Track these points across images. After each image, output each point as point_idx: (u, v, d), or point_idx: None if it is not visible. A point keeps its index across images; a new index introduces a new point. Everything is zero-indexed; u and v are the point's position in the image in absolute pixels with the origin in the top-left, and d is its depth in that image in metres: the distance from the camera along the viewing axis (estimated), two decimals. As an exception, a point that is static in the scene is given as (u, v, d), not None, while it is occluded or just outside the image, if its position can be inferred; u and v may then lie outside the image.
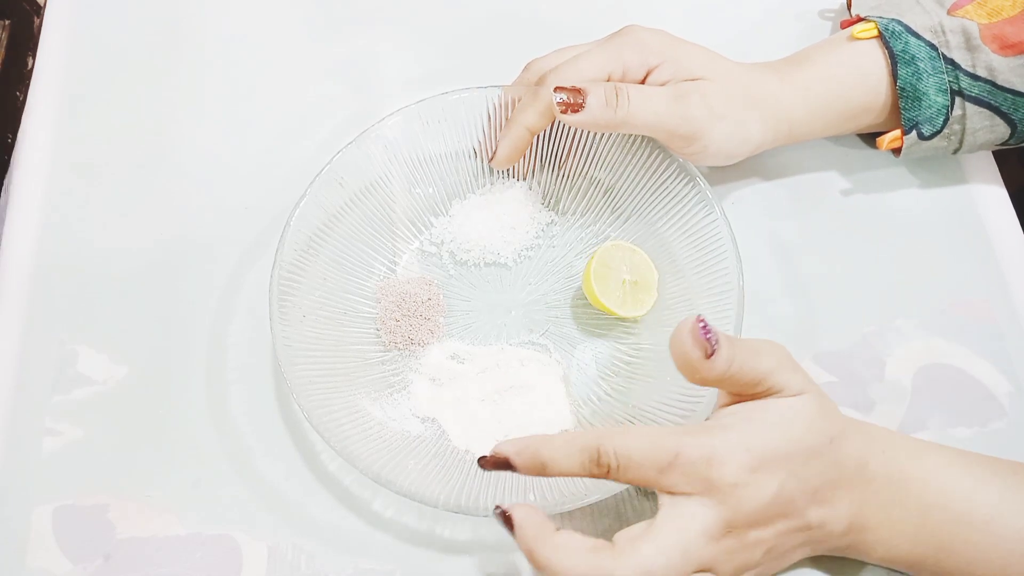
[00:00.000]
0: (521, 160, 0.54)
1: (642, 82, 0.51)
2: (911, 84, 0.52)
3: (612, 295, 0.51)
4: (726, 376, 0.40)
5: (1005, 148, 0.55)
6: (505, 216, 0.55)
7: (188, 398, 0.52)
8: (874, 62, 0.53)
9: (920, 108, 0.52)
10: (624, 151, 0.54)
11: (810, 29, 0.63)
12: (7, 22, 0.67)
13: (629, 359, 0.52)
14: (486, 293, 0.54)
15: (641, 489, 0.48)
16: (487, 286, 0.55)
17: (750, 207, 0.57)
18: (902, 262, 0.55)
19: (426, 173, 0.55)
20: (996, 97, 0.52)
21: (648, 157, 0.53)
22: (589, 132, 0.54)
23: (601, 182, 0.55)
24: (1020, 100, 0.52)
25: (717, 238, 0.50)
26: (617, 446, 0.39)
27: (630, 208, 0.55)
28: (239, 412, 0.51)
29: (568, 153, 0.55)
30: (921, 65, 0.52)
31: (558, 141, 0.55)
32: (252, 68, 0.62)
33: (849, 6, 0.57)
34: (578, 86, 0.48)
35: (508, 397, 0.51)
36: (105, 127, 0.60)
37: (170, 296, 0.55)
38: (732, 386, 0.41)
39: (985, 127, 0.53)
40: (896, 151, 0.56)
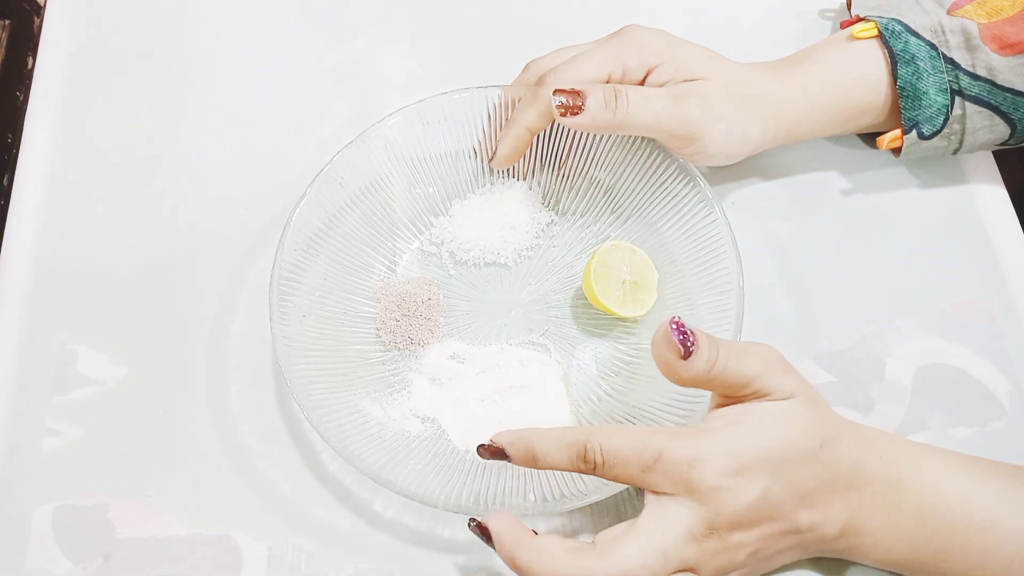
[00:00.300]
0: (521, 160, 0.55)
1: (642, 82, 0.51)
2: (911, 84, 0.52)
3: (612, 295, 0.51)
4: (709, 378, 0.40)
5: (1005, 148, 0.55)
6: (505, 216, 0.55)
7: (188, 398, 0.52)
8: (874, 62, 0.53)
9: (920, 108, 0.52)
10: (624, 151, 0.54)
11: (810, 29, 0.62)
12: (7, 22, 0.66)
13: (629, 359, 0.52)
14: (486, 293, 0.54)
15: (641, 489, 0.48)
16: (487, 286, 0.55)
17: (750, 207, 0.57)
18: (902, 262, 0.55)
19: (426, 173, 0.55)
20: (996, 97, 0.52)
21: (648, 157, 0.53)
22: (589, 133, 0.54)
23: (601, 182, 0.55)
24: (1020, 100, 0.52)
25: (717, 238, 0.50)
26: (604, 443, 0.40)
27: (630, 208, 0.55)
28: (239, 412, 0.52)
29: (568, 153, 0.55)
30: (921, 65, 0.52)
31: (558, 141, 0.55)
32: (252, 68, 0.62)
33: (849, 6, 0.57)
34: (577, 88, 0.48)
35: (508, 397, 0.51)
36: (105, 127, 0.60)
37: (170, 296, 0.55)
38: (718, 388, 0.42)
39: (985, 127, 0.53)
40: (896, 151, 0.56)
